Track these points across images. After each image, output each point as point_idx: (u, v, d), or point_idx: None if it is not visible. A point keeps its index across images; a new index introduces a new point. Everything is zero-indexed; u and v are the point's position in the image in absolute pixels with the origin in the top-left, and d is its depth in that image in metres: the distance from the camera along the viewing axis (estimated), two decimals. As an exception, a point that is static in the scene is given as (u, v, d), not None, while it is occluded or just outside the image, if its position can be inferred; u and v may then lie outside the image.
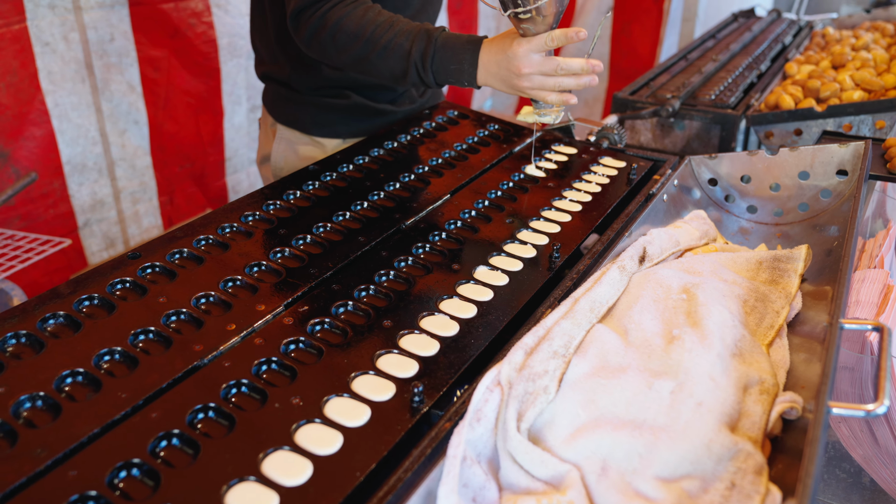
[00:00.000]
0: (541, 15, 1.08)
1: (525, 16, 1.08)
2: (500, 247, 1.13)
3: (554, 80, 1.13)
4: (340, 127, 1.52)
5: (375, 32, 1.22)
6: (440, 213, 1.22)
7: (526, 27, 1.11)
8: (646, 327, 0.91)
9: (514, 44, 1.12)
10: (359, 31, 1.22)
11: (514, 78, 1.13)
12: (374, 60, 1.24)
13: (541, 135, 1.36)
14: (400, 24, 1.23)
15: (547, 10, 1.07)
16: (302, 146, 1.53)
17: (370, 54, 1.23)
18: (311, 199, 1.24)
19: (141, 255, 1.02)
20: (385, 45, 1.21)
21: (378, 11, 1.24)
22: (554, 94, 1.15)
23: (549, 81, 1.13)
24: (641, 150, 1.54)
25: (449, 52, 1.19)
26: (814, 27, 2.88)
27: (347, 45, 1.24)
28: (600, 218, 1.25)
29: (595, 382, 0.80)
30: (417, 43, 1.20)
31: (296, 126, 1.52)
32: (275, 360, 0.84)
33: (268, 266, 1.03)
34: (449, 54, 1.19)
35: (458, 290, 1.01)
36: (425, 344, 0.89)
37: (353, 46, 1.23)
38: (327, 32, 1.24)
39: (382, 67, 1.24)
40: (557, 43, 1.11)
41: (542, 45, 1.11)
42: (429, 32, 1.21)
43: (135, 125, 2.49)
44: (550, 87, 1.13)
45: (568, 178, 1.39)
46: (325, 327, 0.91)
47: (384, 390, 0.81)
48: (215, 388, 0.79)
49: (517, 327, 0.93)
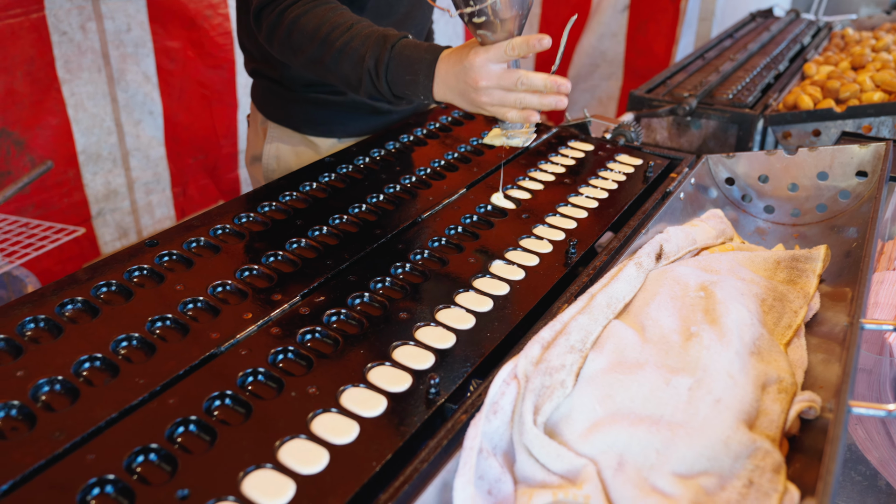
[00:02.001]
0: (497, 18, 0.96)
1: (479, 19, 0.96)
2: (517, 241, 1.13)
3: (515, 95, 1.00)
4: (336, 126, 1.46)
5: (332, 34, 1.13)
6: (456, 207, 1.22)
7: (483, 34, 0.99)
8: (663, 324, 0.91)
9: (472, 53, 1.01)
10: (315, 31, 1.14)
11: (471, 91, 1.02)
12: (329, 65, 1.15)
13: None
14: (359, 26, 1.13)
15: (504, 12, 0.95)
16: (294, 146, 1.47)
17: (325, 57, 1.15)
18: (328, 191, 1.24)
19: (158, 244, 1.03)
20: (340, 48, 1.13)
21: (340, 12, 1.16)
22: (515, 112, 1.02)
23: (509, 97, 1.01)
24: (658, 149, 1.54)
25: (405, 61, 1.08)
26: (833, 28, 2.86)
27: (303, 46, 1.16)
28: (616, 215, 1.25)
29: (612, 377, 0.80)
30: (372, 49, 1.11)
31: (288, 124, 1.46)
32: (291, 349, 0.85)
33: (284, 256, 1.03)
34: (405, 64, 1.08)
35: (473, 283, 1.01)
36: (441, 336, 0.89)
37: (309, 48, 1.16)
38: (284, 30, 1.17)
39: (338, 73, 1.15)
40: (519, 52, 0.98)
41: (502, 55, 0.99)
42: (386, 38, 1.11)
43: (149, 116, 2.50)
44: (511, 104, 1.01)
45: (584, 175, 1.39)
46: (341, 318, 0.92)
47: (400, 381, 0.81)
48: (232, 375, 0.79)
49: (533, 321, 0.93)
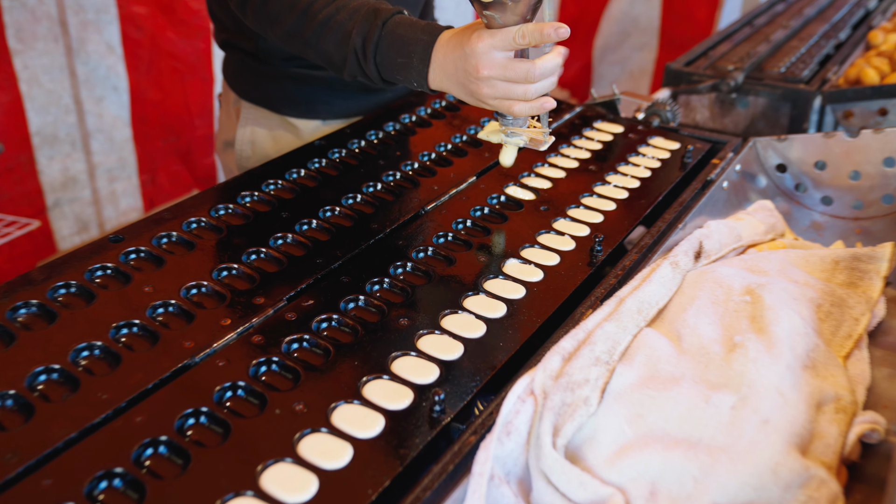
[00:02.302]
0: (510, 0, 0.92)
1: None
2: (534, 237, 1.13)
3: (522, 88, 0.98)
4: (320, 106, 1.44)
5: (315, 5, 1.11)
6: (464, 197, 1.23)
7: (490, 15, 0.95)
8: (703, 333, 0.91)
9: (474, 37, 0.97)
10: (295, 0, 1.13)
11: (471, 81, 0.99)
12: (309, 40, 1.13)
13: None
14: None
15: None
16: (272, 129, 1.46)
17: (305, 31, 1.12)
18: (318, 179, 1.25)
19: (124, 239, 1.03)
20: (324, 21, 1.10)
21: None
22: (523, 104, 1.00)
23: (515, 89, 0.98)
24: (697, 130, 1.54)
25: (397, 41, 1.05)
26: (902, -10, 2.85)
27: (281, 16, 1.15)
28: (649, 207, 1.25)
29: (643, 394, 0.81)
30: (361, 25, 1.07)
31: (265, 104, 1.44)
32: (275, 360, 0.86)
33: (268, 254, 1.04)
34: (397, 44, 1.05)
35: (484, 285, 1.02)
36: (447, 346, 0.90)
37: (287, 18, 1.14)
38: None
39: (320, 50, 1.14)
40: (530, 40, 0.95)
41: (510, 42, 0.96)
42: (377, 13, 1.07)
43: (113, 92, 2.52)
44: (517, 96, 0.99)
45: (612, 161, 1.39)
46: (332, 325, 0.93)
47: (400, 397, 0.82)
48: (208, 390, 0.80)
49: (553, 329, 0.94)
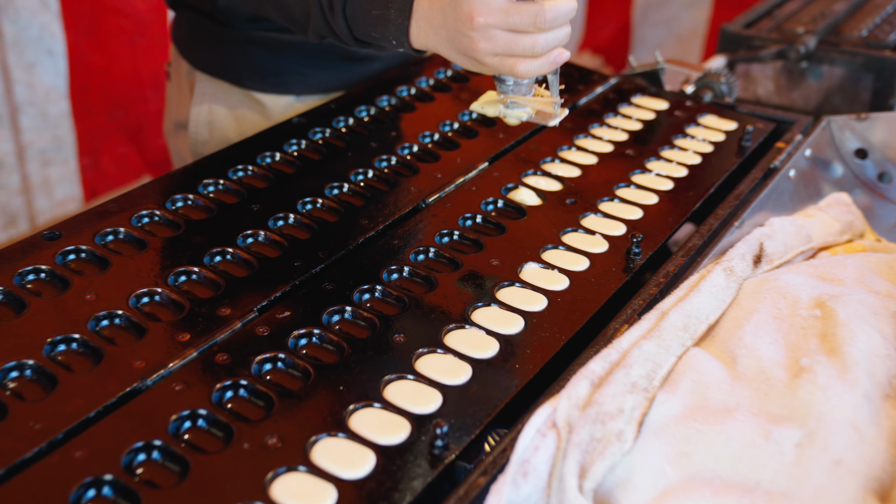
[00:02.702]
0: None
1: None
2: (558, 237, 1.13)
3: (529, 39, 0.95)
4: (292, 78, 1.43)
5: None
6: (473, 187, 1.23)
7: None
8: (762, 354, 0.91)
9: None
10: None
11: (463, 34, 0.97)
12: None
13: None
14: None
15: None
16: (234, 108, 1.46)
17: None
18: (296, 164, 1.25)
19: (61, 236, 1.04)
20: None
21: None
22: (528, 63, 0.97)
23: (520, 41, 0.95)
24: (759, 107, 1.54)
25: None
26: None
27: None
28: (699, 200, 1.25)
29: (689, 428, 0.81)
30: None
31: (225, 76, 1.44)
32: (244, 384, 0.86)
33: (235, 255, 1.05)
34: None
35: (497, 294, 1.02)
36: (451, 368, 0.90)
37: None
38: None
39: (279, 5, 1.16)
40: None
41: None
42: None
43: (48, 57, 2.52)
44: (522, 52, 0.96)
45: (654, 144, 1.40)
46: (313, 341, 0.93)
47: (394, 430, 0.82)
48: (162, 420, 0.81)
49: (580, 349, 0.94)
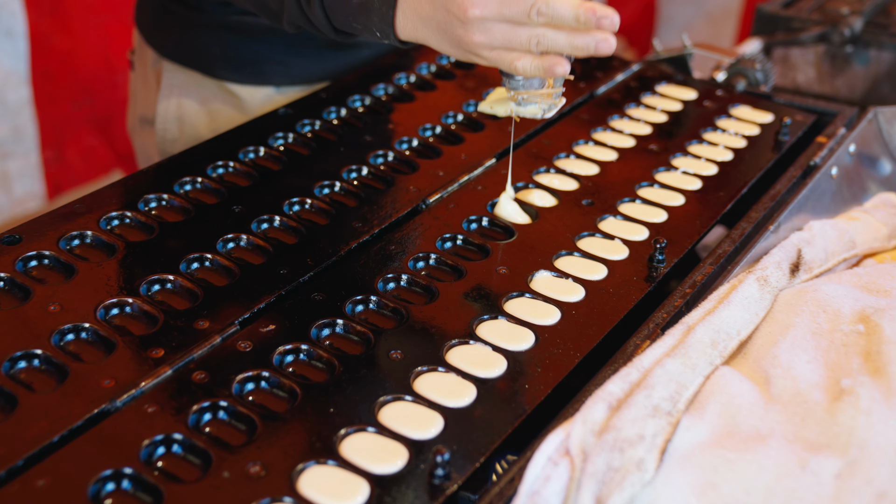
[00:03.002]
0: None
1: None
2: (573, 242, 1.16)
3: (529, 31, 0.98)
4: (272, 67, 1.45)
5: None
6: (479, 186, 1.25)
7: None
8: (799, 374, 0.93)
9: None
10: None
11: (456, 25, 1.00)
12: None
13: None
14: None
15: None
16: (206, 102, 1.48)
17: None
18: (282, 160, 1.28)
19: (21, 240, 1.06)
20: None
21: None
22: (528, 60, 1.00)
23: (519, 35, 0.98)
24: (798, 97, 1.56)
25: None
26: None
27: None
28: (730, 201, 1.27)
29: (718, 457, 0.82)
30: None
31: (196, 65, 1.46)
32: (224, 405, 0.88)
33: (214, 262, 1.07)
34: None
35: (505, 306, 1.04)
36: (454, 388, 0.92)
37: None
38: None
39: None
40: None
41: None
42: None
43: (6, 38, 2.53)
44: (522, 46, 0.99)
45: (681, 139, 1.41)
46: (300, 358, 0.95)
47: (390, 457, 0.84)
48: (133, 445, 0.82)
49: (597, 368, 0.96)
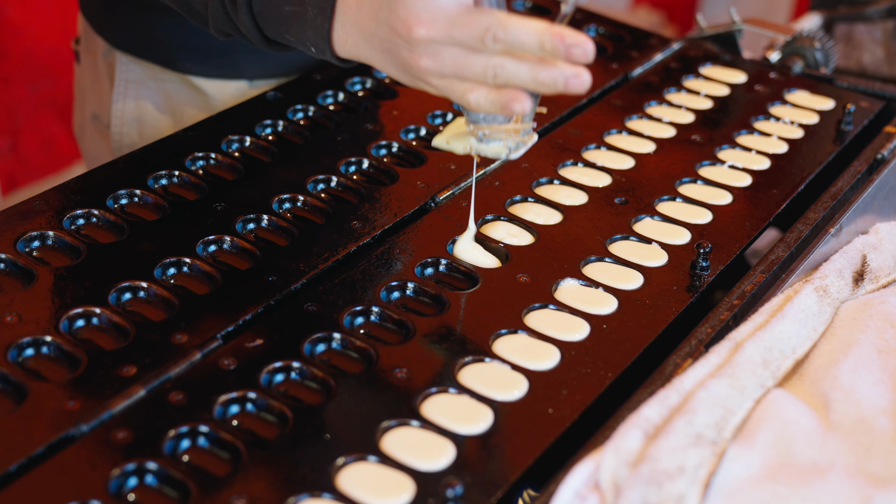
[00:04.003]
0: None
1: None
2: (604, 246, 1.15)
3: (483, 61, 0.92)
4: (244, 58, 1.45)
5: None
6: (496, 182, 1.25)
7: None
8: (863, 398, 0.92)
9: None
10: None
11: (401, 46, 0.96)
12: None
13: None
14: None
15: None
16: (169, 98, 1.48)
17: None
18: (271, 151, 1.27)
19: (-26, 241, 1.06)
20: None
21: None
22: (483, 93, 0.94)
23: (472, 63, 0.93)
24: (864, 80, 1.55)
25: None
26: None
27: None
28: (785, 200, 1.26)
29: (770, 492, 0.82)
30: None
31: (155, 57, 1.45)
32: (204, 431, 0.87)
33: (194, 267, 1.07)
34: None
35: (526, 319, 1.03)
36: (468, 412, 0.91)
37: None
38: None
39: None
40: None
41: None
42: None
43: (-45, 12, 2.56)
44: (476, 75, 0.93)
45: (728, 128, 1.41)
46: (292, 377, 0.94)
47: (393, 491, 0.83)
48: (101, 475, 0.82)
49: (631, 390, 0.95)
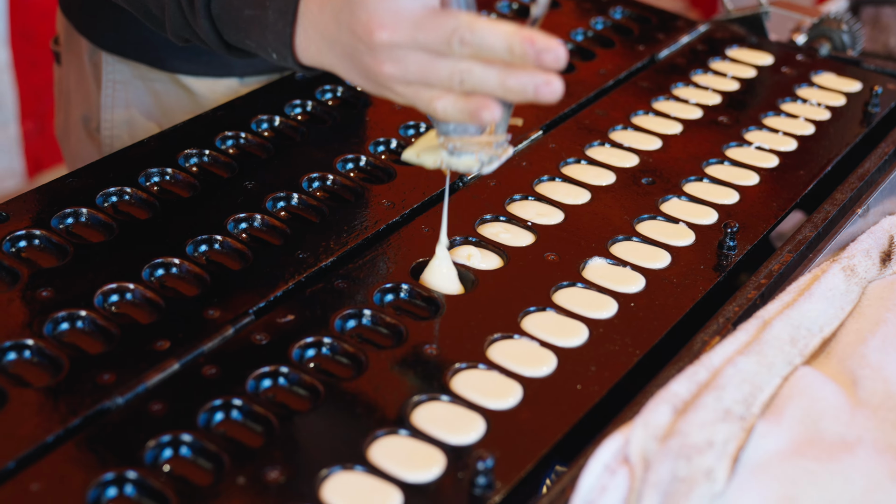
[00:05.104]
0: None
1: None
2: (631, 226, 1.16)
3: (449, 66, 0.88)
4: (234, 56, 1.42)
5: None
6: (523, 162, 1.25)
7: None
8: (890, 375, 0.92)
9: None
10: None
11: (363, 52, 0.92)
12: None
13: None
14: None
15: None
16: (159, 99, 1.47)
17: None
18: (300, 130, 1.29)
19: (9, 217, 1.08)
20: None
21: None
22: (450, 101, 0.89)
23: (438, 68, 0.88)
24: (891, 63, 1.55)
25: None
26: None
27: None
28: (812, 181, 1.27)
29: (798, 467, 0.82)
30: None
31: (143, 56, 1.43)
32: (237, 404, 0.89)
33: (225, 244, 1.08)
34: None
35: (554, 297, 1.04)
36: (497, 387, 0.92)
37: None
38: None
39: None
40: None
41: None
42: None
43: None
44: (442, 83, 0.89)
45: (755, 110, 1.41)
46: (323, 352, 0.96)
47: (424, 463, 0.84)
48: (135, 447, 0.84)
49: (659, 366, 0.96)
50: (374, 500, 0.81)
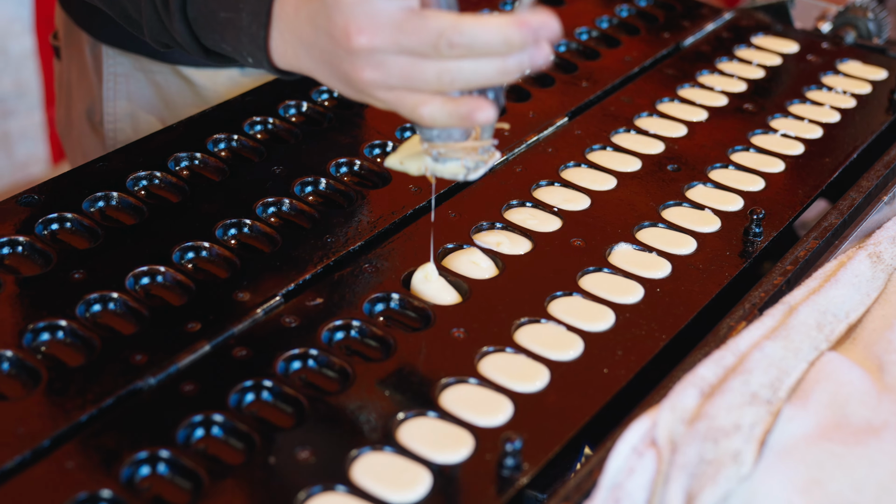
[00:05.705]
0: None
1: None
2: (657, 212, 1.17)
3: (436, 66, 0.85)
4: None
5: None
6: (549, 149, 1.26)
7: None
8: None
9: None
10: None
11: (341, 57, 0.88)
12: None
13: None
14: None
15: None
16: (162, 92, 1.48)
17: None
18: (327, 116, 1.30)
19: (40, 200, 1.09)
20: None
21: None
22: (438, 105, 0.86)
23: (423, 70, 0.85)
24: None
25: None
26: None
27: None
28: (838, 169, 1.27)
29: (824, 451, 0.83)
30: None
31: (142, 48, 1.43)
32: (268, 385, 0.90)
33: (254, 227, 1.09)
34: None
35: (581, 282, 1.05)
36: (525, 371, 0.93)
37: None
38: None
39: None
40: None
41: None
42: None
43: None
44: (428, 86, 0.86)
45: (780, 97, 1.41)
46: (351, 335, 0.97)
47: (453, 444, 0.85)
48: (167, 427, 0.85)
49: (686, 350, 0.97)
50: (403, 480, 0.82)
